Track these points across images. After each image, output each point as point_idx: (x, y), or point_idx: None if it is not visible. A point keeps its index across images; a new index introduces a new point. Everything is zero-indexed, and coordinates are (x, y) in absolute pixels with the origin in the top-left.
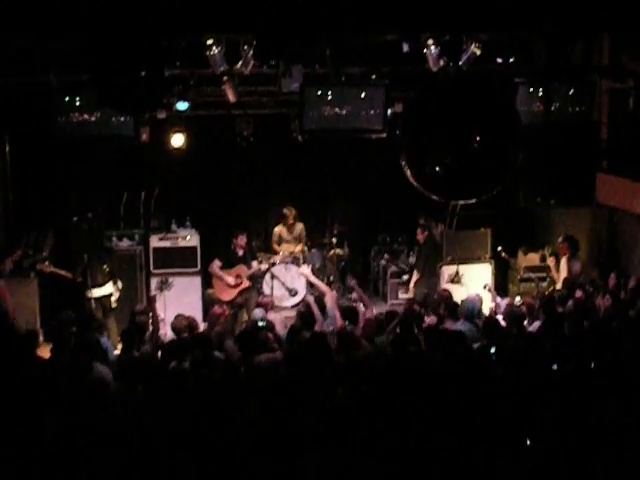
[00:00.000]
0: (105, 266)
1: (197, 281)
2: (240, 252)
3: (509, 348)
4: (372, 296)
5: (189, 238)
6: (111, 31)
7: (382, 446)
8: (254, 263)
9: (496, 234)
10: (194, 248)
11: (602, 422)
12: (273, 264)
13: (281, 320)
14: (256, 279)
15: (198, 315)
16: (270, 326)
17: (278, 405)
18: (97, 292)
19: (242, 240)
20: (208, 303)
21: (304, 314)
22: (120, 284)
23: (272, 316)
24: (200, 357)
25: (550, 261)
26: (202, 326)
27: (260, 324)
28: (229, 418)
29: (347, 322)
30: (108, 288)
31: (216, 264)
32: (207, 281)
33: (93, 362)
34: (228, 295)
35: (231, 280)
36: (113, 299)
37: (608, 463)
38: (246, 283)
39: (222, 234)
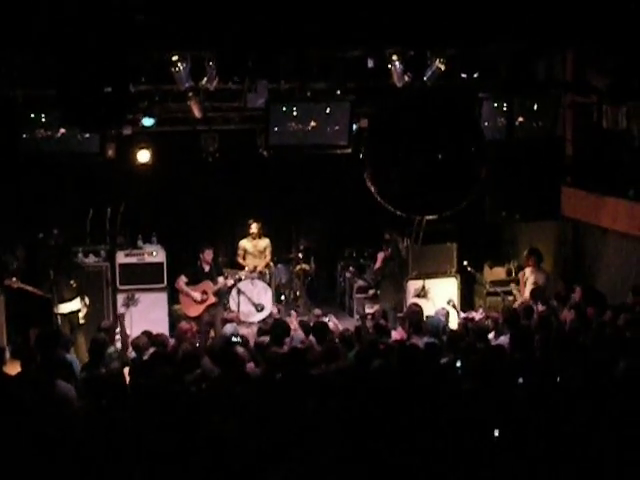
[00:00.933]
0: (72, 282)
1: (163, 297)
2: (206, 268)
3: (474, 362)
4: (338, 311)
5: (155, 254)
6: (76, 48)
7: (350, 460)
8: (220, 279)
9: (462, 248)
10: (160, 264)
11: (568, 435)
12: (239, 279)
13: (253, 335)
14: (222, 295)
15: (165, 331)
16: (245, 341)
17: (250, 419)
18: (64, 308)
19: (208, 255)
20: (175, 319)
21: (267, 330)
22: (88, 300)
23: (244, 331)
24: (169, 374)
25: (521, 275)
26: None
27: (234, 339)
28: (200, 434)
29: (314, 339)
30: (76, 304)
31: (182, 280)
32: (174, 297)
33: (57, 380)
34: (194, 311)
35: (197, 296)
36: (81, 315)
37: (575, 474)
38: (212, 299)
39: (188, 250)
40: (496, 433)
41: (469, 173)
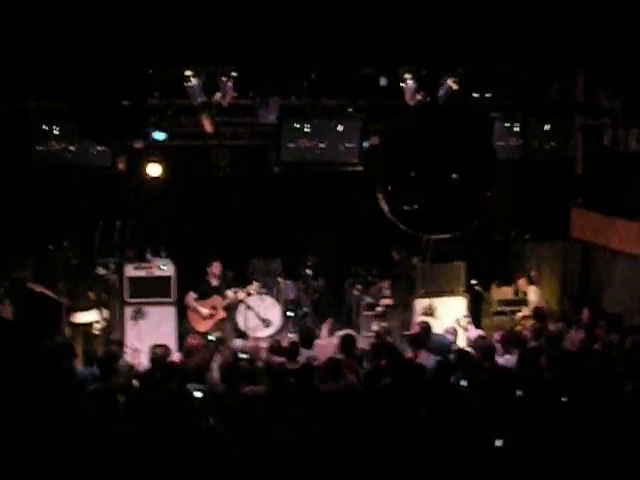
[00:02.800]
0: (91, 293)
1: (172, 311)
2: (214, 282)
3: (480, 381)
4: (345, 328)
5: (164, 268)
6: (93, 62)
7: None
8: (229, 293)
9: (470, 267)
10: (169, 278)
11: (573, 455)
12: (248, 294)
13: (260, 350)
14: (232, 310)
15: (172, 346)
16: (252, 358)
17: (256, 435)
18: (80, 317)
19: (216, 269)
20: (184, 334)
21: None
22: (107, 313)
23: (251, 345)
24: (175, 388)
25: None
26: (176, 355)
27: (241, 356)
28: (204, 448)
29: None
30: (92, 315)
31: (191, 296)
32: (183, 311)
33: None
34: (204, 326)
35: (205, 312)
36: (98, 327)
37: None
38: (221, 314)
39: (197, 264)
40: (500, 451)
41: (480, 193)
